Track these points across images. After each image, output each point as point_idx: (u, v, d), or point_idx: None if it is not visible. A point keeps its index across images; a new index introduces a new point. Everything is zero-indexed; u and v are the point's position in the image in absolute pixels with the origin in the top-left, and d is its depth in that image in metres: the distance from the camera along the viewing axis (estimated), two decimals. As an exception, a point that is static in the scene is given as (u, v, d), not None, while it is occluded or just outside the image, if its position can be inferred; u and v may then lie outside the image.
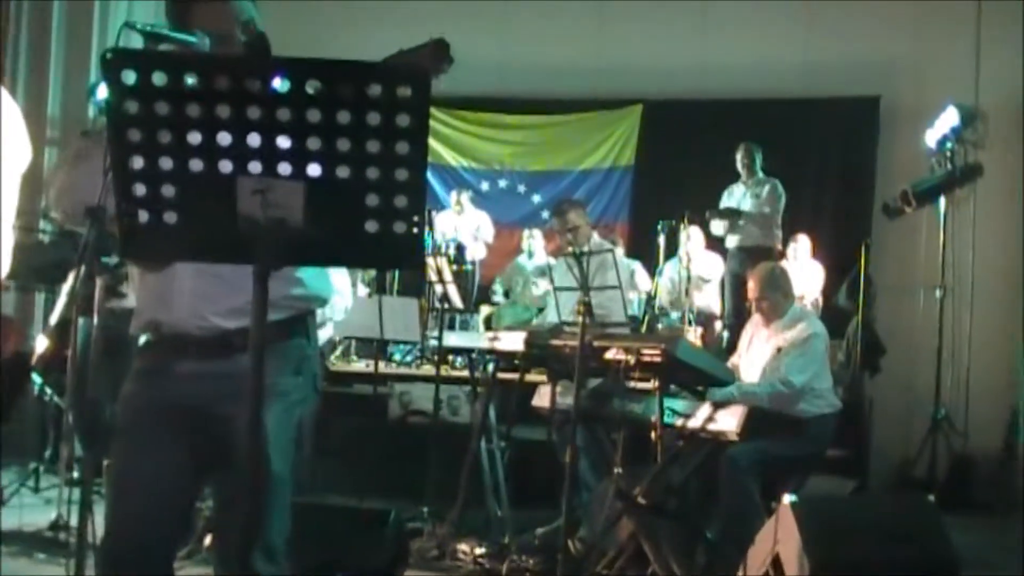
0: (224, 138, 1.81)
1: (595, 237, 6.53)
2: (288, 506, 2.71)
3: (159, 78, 1.79)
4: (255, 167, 1.82)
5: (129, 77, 1.79)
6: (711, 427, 4.72)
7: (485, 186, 12.58)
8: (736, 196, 9.59)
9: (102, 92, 1.84)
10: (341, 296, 5.60)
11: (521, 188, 12.56)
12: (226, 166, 1.83)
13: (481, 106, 12.37)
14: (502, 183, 12.62)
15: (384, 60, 2.36)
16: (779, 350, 5.54)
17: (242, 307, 1.96)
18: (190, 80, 1.80)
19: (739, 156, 9.52)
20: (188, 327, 2.62)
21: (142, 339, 2.76)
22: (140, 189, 1.85)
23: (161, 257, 2.39)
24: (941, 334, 8.61)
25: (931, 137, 9.16)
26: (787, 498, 4.19)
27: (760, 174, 9.51)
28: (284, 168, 1.83)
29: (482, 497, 6.03)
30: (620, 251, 8.77)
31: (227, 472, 2.59)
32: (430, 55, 2.56)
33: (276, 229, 1.83)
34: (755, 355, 5.75)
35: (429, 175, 11.48)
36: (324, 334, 5.34)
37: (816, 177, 11.28)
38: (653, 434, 4.77)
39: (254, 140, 1.81)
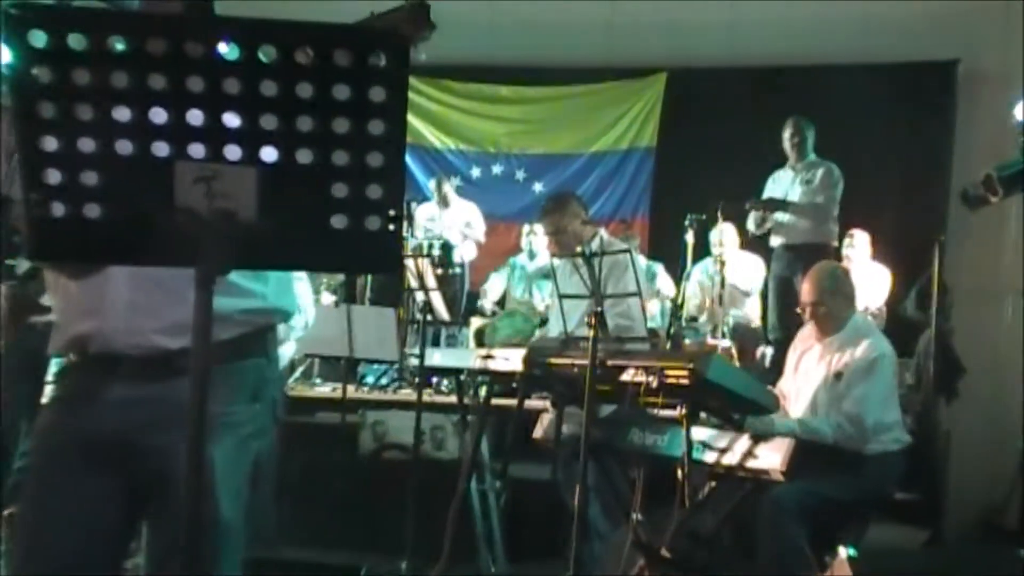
0: (159, 114, 1.81)
1: (603, 235, 6.53)
2: (239, 561, 2.70)
3: (77, 40, 1.79)
4: (197, 150, 1.82)
5: (38, 38, 1.78)
6: (750, 464, 4.68)
7: (476, 172, 12.63)
8: (783, 184, 9.52)
9: (4, 56, 1.84)
10: (300, 311, 5.59)
11: (520, 175, 12.59)
12: (162, 148, 1.82)
13: (471, 75, 12.40)
14: (496, 169, 12.65)
15: (352, 24, 2.37)
16: (838, 375, 5.54)
17: (188, 322, 1.96)
18: (116, 43, 1.80)
19: (787, 134, 9.46)
20: (121, 345, 2.61)
21: (59, 361, 2.75)
22: (54, 176, 1.84)
23: (80, 259, 2.37)
24: (1034, 351, 8.62)
25: (1021, 111, 9.15)
26: (843, 550, 4.19)
27: (812, 156, 9.47)
28: (233, 151, 1.83)
29: (473, 549, 6.02)
30: (638, 251, 8.76)
31: (164, 520, 2.58)
32: (407, 20, 2.56)
33: (223, 225, 1.83)
34: (805, 377, 5.75)
35: (408, 159, 11.50)
36: (284, 353, 5.34)
37: (879, 160, 11.26)
38: (679, 472, 4.76)
39: (196, 117, 1.81)
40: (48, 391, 2.76)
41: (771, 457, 4.57)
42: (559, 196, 6.93)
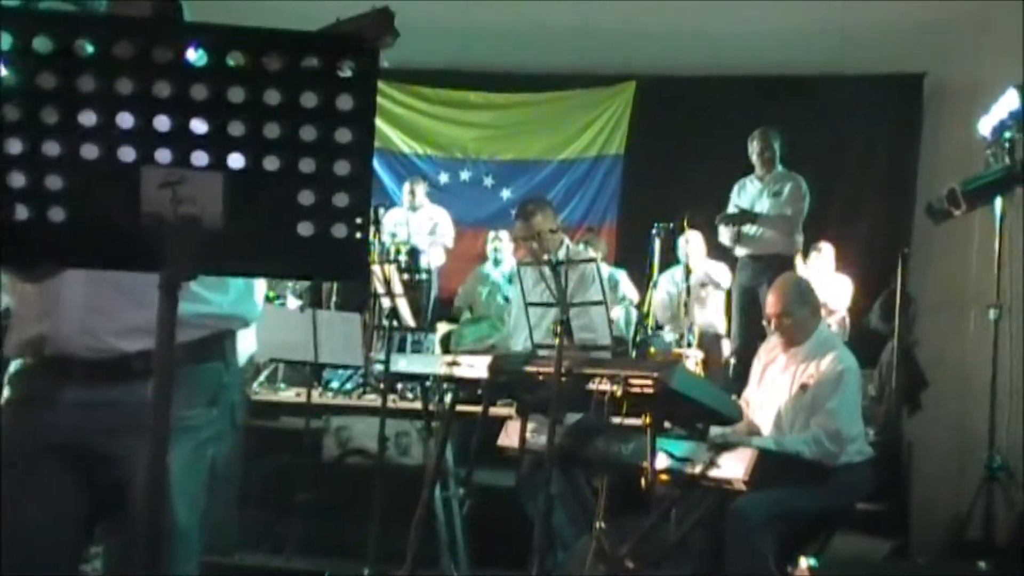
0: (126, 119, 1.80)
1: (567, 242, 6.55)
2: (196, 567, 2.70)
3: (43, 43, 1.78)
4: (164, 155, 1.82)
5: (4, 41, 1.77)
6: (713, 473, 4.70)
7: (444, 178, 12.63)
8: (750, 194, 9.52)
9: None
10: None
11: (488, 181, 12.60)
12: (128, 153, 1.82)
13: (440, 80, 12.39)
14: (464, 174, 12.65)
15: (319, 31, 2.37)
16: (803, 387, 5.55)
17: (145, 325, 1.95)
18: (84, 46, 1.79)
19: (754, 146, 9.42)
20: (76, 347, 2.60)
21: (15, 363, 2.74)
22: (18, 179, 1.83)
23: (43, 263, 2.36)
24: (996, 363, 8.59)
25: (986, 124, 9.18)
26: (804, 561, 4.21)
27: (780, 168, 9.47)
28: (199, 157, 1.82)
29: (436, 556, 6.02)
30: (602, 259, 8.76)
31: (121, 525, 2.58)
32: (372, 26, 2.57)
33: (188, 230, 1.82)
34: (771, 388, 5.76)
35: (376, 164, 11.49)
36: (244, 349, 5.31)
37: (845, 172, 11.36)
38: (643, 481, 4.77)
39: (163, 123, 1.81)
40: (4, 393, 2.74)
41: (734, 467, 4.58)
42: (538, 200, 6.90)
